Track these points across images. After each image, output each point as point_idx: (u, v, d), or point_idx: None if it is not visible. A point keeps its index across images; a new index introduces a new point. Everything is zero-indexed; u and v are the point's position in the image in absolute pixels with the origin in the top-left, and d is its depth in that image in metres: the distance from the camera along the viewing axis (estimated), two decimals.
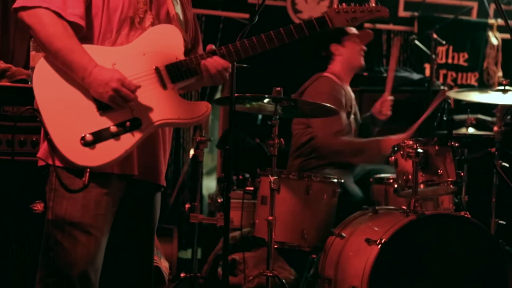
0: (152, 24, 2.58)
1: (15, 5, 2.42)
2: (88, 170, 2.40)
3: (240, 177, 5.20)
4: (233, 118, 3.27)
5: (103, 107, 2.43)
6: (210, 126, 7.08)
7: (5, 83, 3.42)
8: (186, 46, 2.67)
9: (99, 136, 2.40)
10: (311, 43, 4.87)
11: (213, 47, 2.58)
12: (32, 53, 3.57)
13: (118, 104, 2.41)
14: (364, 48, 4.78)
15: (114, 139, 2.42)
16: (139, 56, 2.50)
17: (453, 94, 4.65)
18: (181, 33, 2.60)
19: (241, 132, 5.12)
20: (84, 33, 2.49)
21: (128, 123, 2.43)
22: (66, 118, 2.39)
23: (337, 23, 2.61)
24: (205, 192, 6.78)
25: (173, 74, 2.52)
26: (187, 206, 4.58)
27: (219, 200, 5.04)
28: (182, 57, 2.56)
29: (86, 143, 2.38)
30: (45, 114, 2.39)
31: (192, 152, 4.73)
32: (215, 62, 2.53)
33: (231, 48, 2.56)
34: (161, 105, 2.49)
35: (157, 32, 2.56)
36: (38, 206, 3.07)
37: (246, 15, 6.50)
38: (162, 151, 2.65)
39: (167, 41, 2.55)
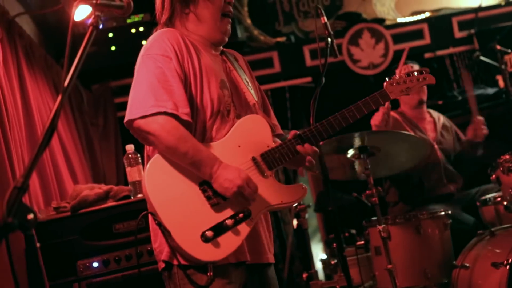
0: (236, 114, 2.73)
1: (130, 116, 2.54)
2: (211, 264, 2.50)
3: (347, 234, 5.20)
4: (327, 179, 3.36)
5: (215, 202, 2.55)
6: None
7: (111, 203, 3.60)
8: (273, 132, 2.82)
9: (218, 231, 2.51)
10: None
11: (297, 132, 2.73)
12: (128, 169, 3.75)
13: (239, 200, 2.54)
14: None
15: (231, 231, 2.53)
16: (235, 148, 2.65)
17: None
18: (266, 120, 2.76)
19: (336, 191, 5.17)
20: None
21: (241, 215, 2.55)
22: (183, 216, 2.50)
23: (396, 95, 2.88)
24: (314, 258, 6.77)
25: (269, 161, 2.68)
26: (304, 275, 4.61)
27: (333, 262, 5.05)
28: (272, 144, 2.72)
29: (207, 239, 2.48)
30: (163, 215, 2.48)
31: (295, 222, 4.79)
32: (306, 149, 2.69)
33: (314, 131, 2.73)
34: (264, 193, 2.63)
35: (246, 123, 2.71)
36: None
37: (308, 79, 6.64)
38: (265, 231, 2.76)
39: (256, 130, 2.72)
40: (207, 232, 2.49)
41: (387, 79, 2.89)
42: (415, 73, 2.90)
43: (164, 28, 2.76)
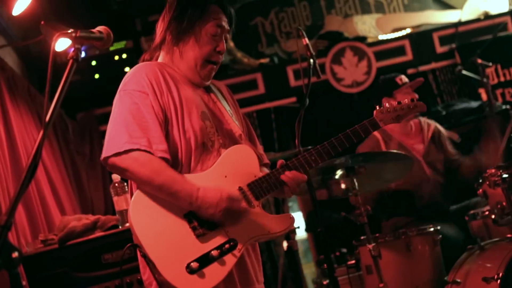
0: (221, 144, 2.72)
1: (105, 154, 2.56)
2: None
3: (338, 253, 5.19)
4: (315, 200, 3.36)
5: (201, 233, 2.54)
6: (291, 211, 7.13)
7: (100, 233, 3.58)
8: (260, 161, 2.83)
9: (203, 262, 2.50)
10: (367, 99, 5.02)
11: (283, 162, 2.75)
12: (115, 198, 3.73)
13: (229, 220, 2.55)
14: (415, 95, 4.83)
15: (217, 262, 2.52)
16: (221, 179, 2.64)
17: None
18: (253, 150, 2.77)
19: (325, 210, 5.17)
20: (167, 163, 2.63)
21: (227, 245, 2.55)
22: (168, 247, 2.49)
23: (386, 122, 2.89)
24: (306, 278, 6.75)
25: (256, 191, 2.68)
26: None
27: (325, 283, 5.03)
28: (259, 174, 2.72)
29: (192, 271, 2.47)
30: (148, 248, 2.48)
31: (285, 244, 4.77)
32: (294, 177, 2.70)
33: (302, 160, 2.74)
34: (251, 223, 2.63)
35: (232, 153, 2.71)
36: None
37: (293, 99, 6.66)
38: (253, 261, 2.75)
39: (243, 160, 2.72)
40: (192, 264, 2.48)
41: (377, 107, 2.90)
42: (406, 101, 2.92)
43: (142, 63, 2.77)
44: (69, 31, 2.20)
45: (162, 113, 2.61)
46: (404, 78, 4.88)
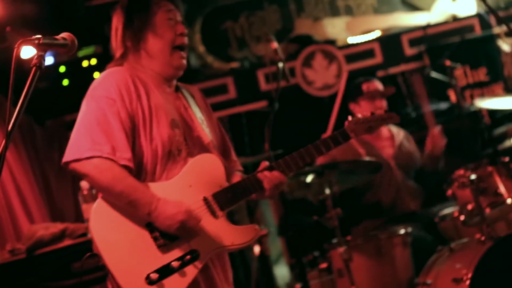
0: (188, 153, 2.69)
1: (66, 158, 2.54)
2: None
3: (310, 257, 5.19)
4: (287, 204, 3.36)
5: (162, 243, 2.51)
6: (264, 215, 7.11)
7: (68, 242, 3.54)
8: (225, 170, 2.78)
9: (163, 273, 2.47)
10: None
11: (267, 164, 2.74)
12: (83, 206, 3.70)
13: (184, 234, 2.52)
14: (381, 105, 4.89)
15: (178, 273, 2.49)
16: (186, 188, 2.61)
17: (482, 104, 4.70)
18: (220, 160, 2.74)
19: (297, 214, 5.17)
20: (132, 171, 2.60)
21: (188, 256, 2.52)
22: (128, 258, 2.46)
23: (357, 133, 2.87)
24: (280, 281, 6.74)
25: (221, 202, 2.65)
26: None
27: (297, 286, 5.03)
28: (225, 184, 2.69)
29: (151, 282, 2.44)
30: (107, 258, 2.45)
31: (257, 249, 4.76)
32: (273, 177, 2.69)
33: (282, 163, 2.73)
34: (214, 234, 2.60)
35: (199, 162, 2.67)
36: None
37: (264, 103, 6.66)
38: (219, 273, 2.71)
39: (209, 170, 2.68)
40: (151, 274, 2.45)
41: (349, 118, 2.88)
42: (379, 112, 2.91)
43: (112, 68, 2.73)
44: (32, 38, 2.17)
45: (129, 121, 2.57)
46: (372, 86, 4.91)
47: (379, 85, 4.96)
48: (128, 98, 2.59)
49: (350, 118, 2.87)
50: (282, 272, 7.15)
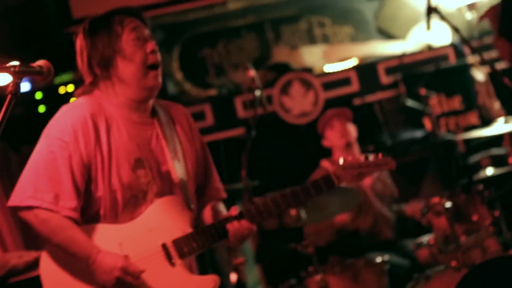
0: (157, 193, 2.56)
1: (10, 202, 2.48)
2: None
3: (287, 285, 5.17)
4: (263, 232, 3.35)
5: None
6: None
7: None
8: (197, 193, 2.70)
9: None
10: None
11: (236, 209, 2.57)
12: None
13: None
14: (344, 127, 4.95)
15: None
16: (145, 233, 2.50)
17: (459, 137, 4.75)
18: (185, 203, 2.59)
19: (274, 241, 5.16)
20: (89, 215, 2.51)
21: None
22: None
23: (344, 180, 2.57)
24: None
25: (181, 249, 2.51)
26: None
27: None
28: (189, 229, 2.55)
29: None
30: None
31: (234, 277, 4.73)
32: (241, 228, 2.52)
33: (253, 210, 2.55)
34: (168, 284, 2.47)
35: (161, 205, 2.55)
36: None
37: (241, 130, 6.67)
38: None
39: (172, 214, 2.54)
40: None
41: (340, 161, 2.56)
42: (373, 157, 2.58)
43: (72, 103, 2.60)
44: (8, 66, 2.16)
45: (82, 166, 2.45)
46: (327, 112, 4.99)
47: (333, 111, 5.05)
48: (83, 141, 2.45)
49: (340, 161, 2.56)
50: None
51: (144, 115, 2.63)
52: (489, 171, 4.55)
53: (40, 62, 2.26)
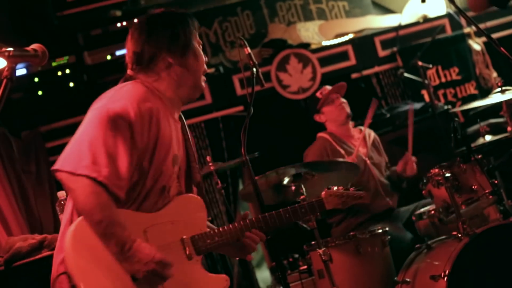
0: (179, 190, 2.68)
1: (59, 166, 2.39)
2: None
3: (290, 259, 5.21)
4: (263, 208, 3.37)
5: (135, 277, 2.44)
6: None
7: (47, 253, 3.53)
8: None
9: None
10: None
11: (249, 215, 2.79)
12: (61, 216, 3.68)
13: (150, 282, 2.44)
14: (342, 100, 4.95)
15: None
16: (167, 224, 2.56)
17: (458, 109, 4.74)
18: (205, 205, 2.72)
19: None
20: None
21: None
22: (100, 285, 2.37)
23: (329, 206, 3.05)
24: (262, 285, 6.76)
25: (198, 246, 2.62)
26: None
27: None
28: (205, 229, 2.67)
29: None
30: (78, 280, 2.33)
31: None
32: (256, 239, 2.76)
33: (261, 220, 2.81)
34: (184, 278, 2.54)
35: (184, 202, 2.66)
36: None
37: (240, 108, 6.68)
38: None
39: (192, 212, 2.67)
40: None
41: (327, 189, 3.05)
42: (351, 191, 3.11)
43: (137, 84, 2.58)
44: (2, 51, 2.17)
45: (137, 149, 2.46)
46: (324, 90, 4.99)
47: (329, 87, 5.04)
48: (144, 125, 2.46)
49: (327, 189, 3.05)
50: (264, 275, 7.17)
51: (177, 115, 2.74)
52: (488, 138, 4.56)
53: (35, 46, 2.27)
